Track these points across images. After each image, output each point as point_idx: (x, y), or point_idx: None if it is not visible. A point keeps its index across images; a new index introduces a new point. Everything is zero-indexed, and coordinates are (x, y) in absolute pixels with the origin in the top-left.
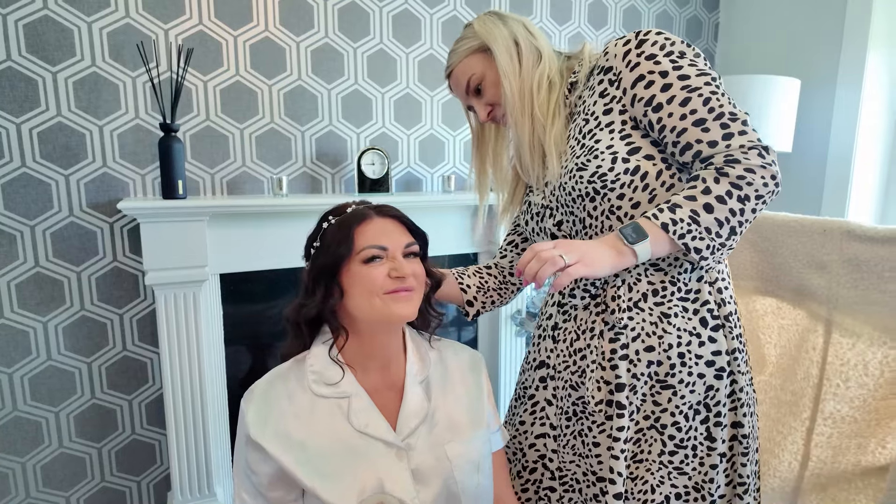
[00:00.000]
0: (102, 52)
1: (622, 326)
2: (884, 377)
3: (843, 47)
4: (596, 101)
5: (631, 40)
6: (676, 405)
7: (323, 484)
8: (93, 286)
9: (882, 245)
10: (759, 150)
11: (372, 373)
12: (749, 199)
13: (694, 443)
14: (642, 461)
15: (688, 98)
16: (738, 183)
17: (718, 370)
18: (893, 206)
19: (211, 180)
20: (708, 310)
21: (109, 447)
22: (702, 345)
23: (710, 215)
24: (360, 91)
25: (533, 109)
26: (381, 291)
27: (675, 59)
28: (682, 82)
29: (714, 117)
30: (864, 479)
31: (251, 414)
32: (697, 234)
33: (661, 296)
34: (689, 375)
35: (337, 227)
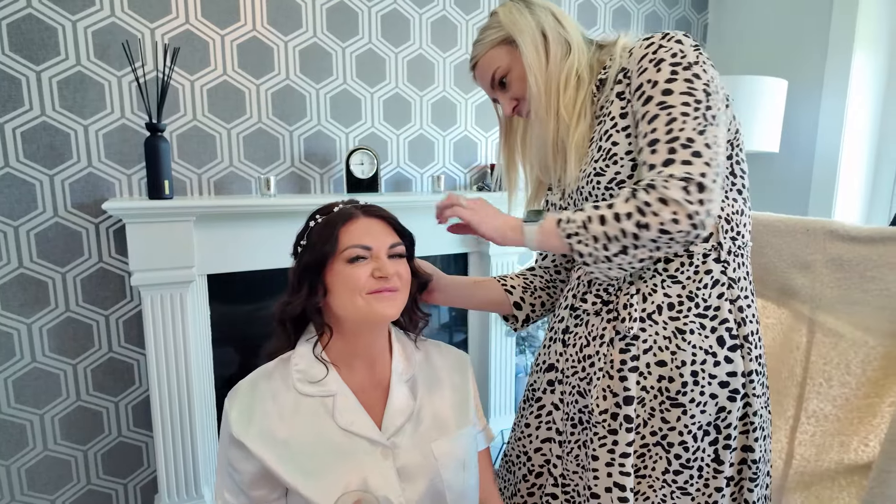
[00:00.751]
0: (87, 51)
1: (633, 337)
2: (865, 376)
3: (829, 49)
4: (614, 102)
5: (653, 44)
6: (685, 424)
7: (306, 482)
8: (78, 287)
9: (864, 245)
10: (686, 185)
11: (357, 371)
12: (649, 227)
13: (700, 464)
14: (645, 476)
15: (656, 116)
16: (643, 209)
17: (732, 392)
18: (879, 205)
19: (198, 180)
20: (727, 328)
21: (95, 449)
22: (717, 364)
23: (601, 227)
24: (349, 91)
25: (559, 108)
26: (364, 291)
27: (675, 70)
28: (662, 97)
29: (667, 140)
30: (847, 477)
31: (234, 413)
32: (584, 239)
33: (678, 310)
34: (700, 395)
35: (323, 225)
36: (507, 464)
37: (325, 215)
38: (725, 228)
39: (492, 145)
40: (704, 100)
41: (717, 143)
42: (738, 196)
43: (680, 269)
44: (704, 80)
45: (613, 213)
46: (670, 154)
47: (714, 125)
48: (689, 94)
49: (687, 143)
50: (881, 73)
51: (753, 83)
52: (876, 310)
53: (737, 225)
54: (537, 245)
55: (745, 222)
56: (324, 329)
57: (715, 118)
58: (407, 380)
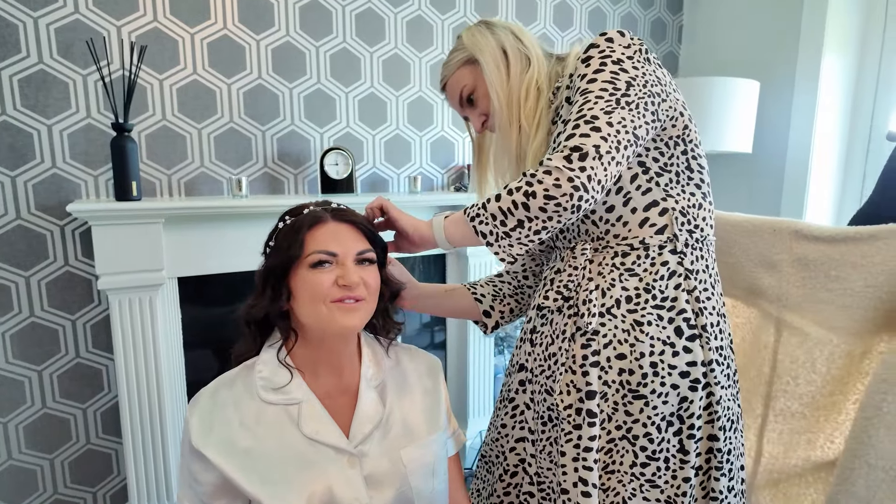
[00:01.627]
0: (50, 49)
1: (593, 332)
2: (830, 374)
3: (799, 50)
4: (564, 106)
5: (590, 45)
6: (648, 416)
7: (268, 492)
8: (43, 291)
9: (828, 244)
10: (569, 154)
11: (323, 377)
12: (535, 196)
13: (666, 455)
14: (614, 472)
15: (576, 101)
16: (530, 180)
17: (693, 381)
18: (848, 204)
19: (168, 181)
20: (684, 319)
21: (62, 458)
22: (676, 355)
23: (496, 203)
24: (323, 90)
25: (520, 119)
26: (327, 299)
27: (603, 62)
28: (585, 85)
29: (575, 119)
30: (814, 474)
31: (194, 421)
32: (484, 218)
33: (635, 303)
34: (661, 386)
35: (289, 228)
36: (486, 464)
37: (295, 217)
38: (681, 221)
39: (469, 146)
40: (623, 88)
41: (623, 124)
42: (695, 190)
43: (637, 261)
44: (630, 75)
45: (507, 190)
46: (573, 130)
47: (625, 110)
48: (609, 82)
49: (591, 119)
50: (850, 74)
51: (727, 84)
52: (839, 308)
53: (694, 218)
54: (448, 236)
55: (705, 216)
56: (289, 334)
57: (630, 105)
58: (376, 385)
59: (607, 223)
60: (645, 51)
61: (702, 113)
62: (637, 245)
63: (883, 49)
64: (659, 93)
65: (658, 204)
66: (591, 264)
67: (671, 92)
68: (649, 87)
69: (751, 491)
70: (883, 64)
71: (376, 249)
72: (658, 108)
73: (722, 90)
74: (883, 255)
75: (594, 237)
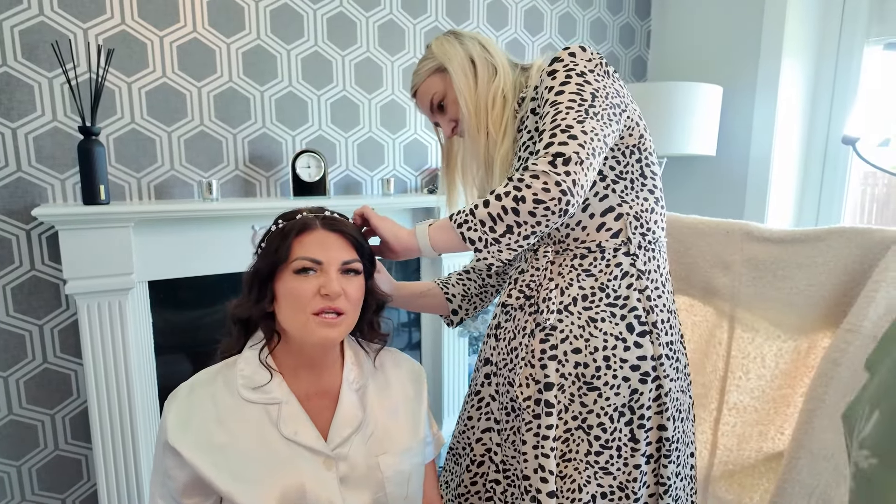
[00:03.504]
0: (14, 51)
1: (551, 328)
2: (779, 368)
3: (760, 55)
4: (529, 117)
5: (554, 59)
6: (602, 406)
7: (239, 487)
8: (8, 296)
9: (776, 245)
10: (553, 159)
11: (304, 379)
12: (525, 200)
13: (619, 444)
14: (570, 460)
15: (547, 113)
16: (518, 185)
17: (643, 374)
18: (809, 205)
19: (137, 185)
20: (635, 316)
21: (30, 465)
22: (627, 349)
23: (485, 209)
24: (295, 93)
25: (487, 125)
26: (308, 310)
27: (569, 75)
28: (554, 97)
29: (551, 128)
30: (766, 464)
31: (171, 417)
32: (472, 225)
33: (591, 301)
34: (613, 378)
35: (279, 232)
36: (454, 456)
37: (287, 221)
38: (634, 225)
39: None
40: (590, 100)
41: (595, 133)
42: (648, 195)
43: (593, 263)
44: (594, 87)
45: (495, 195)
46: (550, 138)
47: (594, 120)
48: (576, 94)
49: (566, 128)
50: (808, 79)
51: (692, 89)
52: (786, 306)
53: (647, 222)
54: (433, 243)
55: (657, 219)
56: (272, 335)
57: (597, 116)
58: (357, 388)
59: (567, 227)
60: (605, 64)
61: (668, 117)
62: (594, 248)
63: (838, 55)
64: (619, 104)
65: (614, 209)
66: (552, 265)
67: (629, 103)
68: (611, 99)
69: (707, 482)
70: (839, 70)
71: (363, 260)
72: (619, 118)
73: (687, 95)
74: (825, 255)
75: (555, 240)
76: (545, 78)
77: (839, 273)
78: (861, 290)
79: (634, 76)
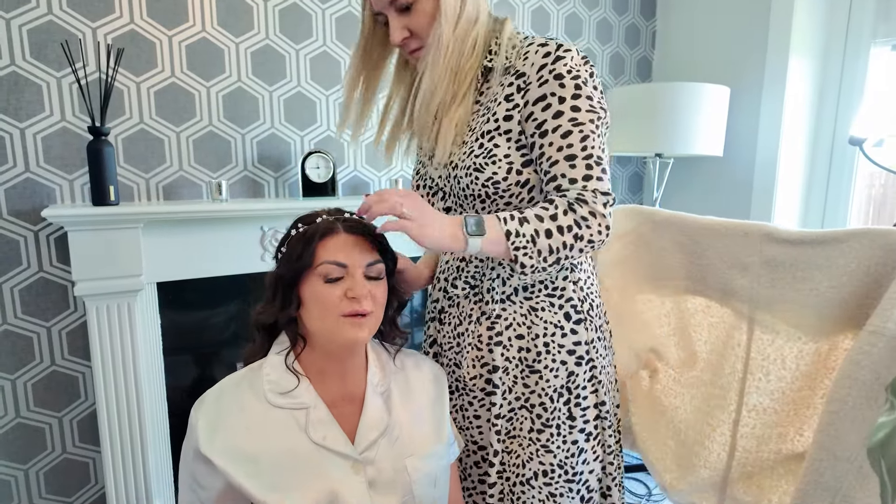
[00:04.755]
0: (23, 51)
1: (496, 316)
2: (799, 370)
3: (767, 55)
4: (501, 103)
5: (550, 53)
6: (542, 388)
7: (274, 496)
8: (16, 298)
9: (795, 247)
10: (607, 200)
11: (330, 383)
12: (582, 239)
13: (558, 422)
14: (515, 437)
15: (569, 132)
16: (580, 222)
17: (578, 358)
18: (814, 206)
19: (146, 185)
20: (571, 305)
21: (37, 468)
22: (564, 336)
23: (547, 240)
24: (304, 93)
25: (457, 70)
26: (336, 313)
27: (578, 85)
28: (572, 114)
29: (584, 156)
30: (785, 466)
31: (201, 425)
32: (530, 252)
33: (531, 292)
34: (553, 362)
35: (301, 236)
36: None
37: (307, 225)
38: None
39: None
40: (603, 115)
41: (608, 157)
42: None
43: None
44: (598, 96)
45: (557, 226)
46: (588, 170)
47: (604, 139)
48: (592, 111)
49: (598, 160)
50: (815, 79)
51: (698, 90)
52: (806, 308)
53: None
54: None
55: None
56: (297, 339)
57: (605, 133)
58: (382, 392)
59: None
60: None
61: (675, 117)
62: None
63: (845, 56)
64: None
65: None
66: (493, 259)
67: None
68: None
69: (726, 484)
70: (845, 70)
71: (386, 260)
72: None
73: (694, 95)
74: (846, 257)
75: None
76: (549, 78)
77: (861, 274)
78: (884, 292)
79: (640, 76)
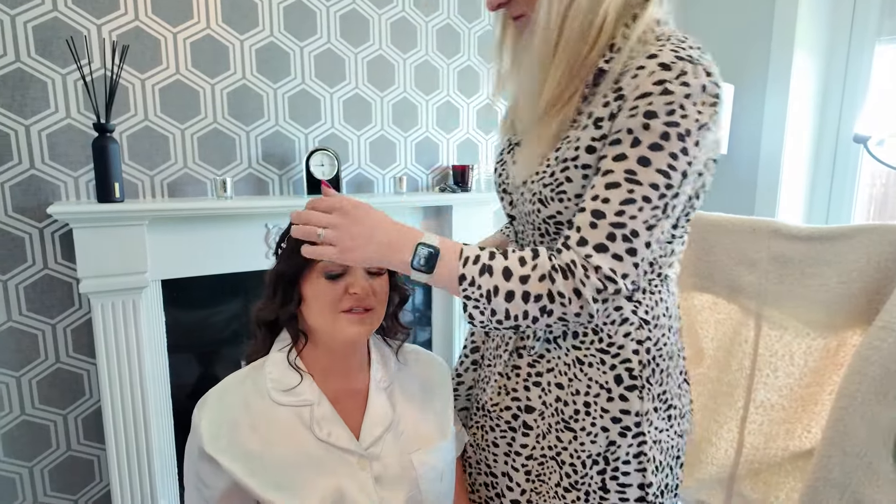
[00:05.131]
0: (28, 47)
1: (539, 356)
2: (808, 366)
3: (771, 54)
4: (587, 127)
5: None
6: (576, 449)
7: (280, 495)
8: (21, 295)
9: (804, 243)
10: (603, 286)
11: (333, 379)
12: (550, 314)
13: (588, 489)
14: (543, 482)
15: (617, 184)
16: (553, 296)
17: (624, 428)
18: (818, 204)
19: (150, 182)
20: (627, 368)
21: (42, 466)
22: (610, 400)
23: (505, 303)
24: (308, 91)
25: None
26: (337, 309)
27: (666, 135)
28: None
29: (612, 223)
30: (793, 463)
31: (204, 425)
32: (482, 307)
33: (580, 340)
34: (591, 426)
35: None
36: None
37: None
38: (647, 271)
39: (453, 147)
40: (677, 185)
41: (659, 239)
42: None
43: None
44: (691, 156)
45: (523, 292)
46: (608, 240)
47: (668, 218)
48: (664, 174)
49: (630, 235)
50: (819, 77)
51: None
52: (815, 303)
53: (662, 266)
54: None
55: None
56: (298, 336)
57: (674, 209)
58: (385, 387)
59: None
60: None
61: None
62: None
63: (849, 53)
64: (701, 171)
65: None
66: None
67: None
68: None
69: (732, 481)
70: (850, 67)
71: None
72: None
73: None
74: (855, 252)
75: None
76: (639, 110)
77: (871, 270)
78: (894, 288)
79: None
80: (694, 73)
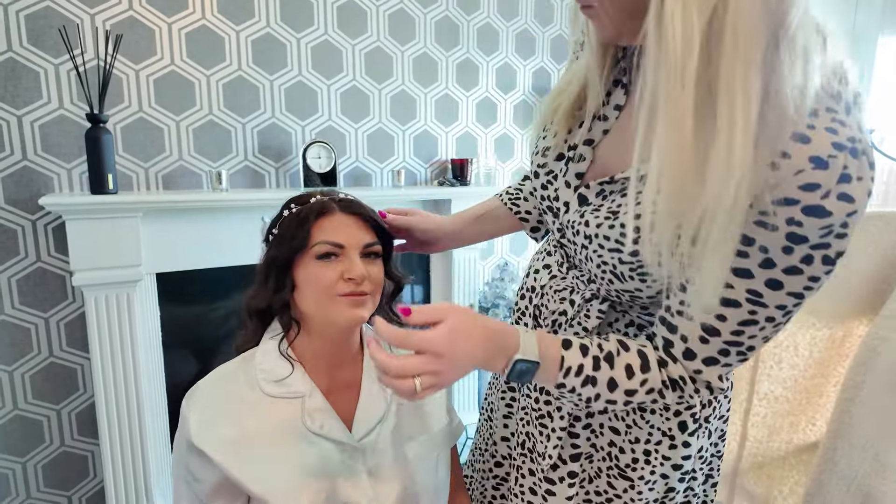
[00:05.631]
0: (20, 37)
1: None
2: (812, 357)
3: None
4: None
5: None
6: (632, 498)
7: (271, 487)
8: (13, 289)
9: None
10: (713, 391)
11: (326, 370)
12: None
13: None
14: None
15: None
16: (655, 397)
17: (684, 474)
18: None
19: (145, 174)
20: (691, 414)
21: (35, 461)
22: (673, 448)
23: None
24: (305, 83)
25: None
26: (332, 294)
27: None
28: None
29: (727, 341)
30: (797, 456)
31: (193, 417)
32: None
33: None
34: (651, 474)
35: (295, 216)
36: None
37: (300, 206)
38: None
39: (452, 140)
40: (802, 301)
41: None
42: None
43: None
44: (825, 271)
45: (626, 401)
46: (720, 355)
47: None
48: (795, 296)
49: (745, 351)
50: None
51: None
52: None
53: None
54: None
55: None
56: (290, 325)
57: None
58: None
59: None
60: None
61: None
62: None
63: (853, 47)
64: None
65: None
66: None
67: None
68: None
69: (735, 475)
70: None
71: (382, 242)
72: None
73: None
74: (863, 241)
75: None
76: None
77: (878, 259)
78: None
79: None
80: (858, 171)
